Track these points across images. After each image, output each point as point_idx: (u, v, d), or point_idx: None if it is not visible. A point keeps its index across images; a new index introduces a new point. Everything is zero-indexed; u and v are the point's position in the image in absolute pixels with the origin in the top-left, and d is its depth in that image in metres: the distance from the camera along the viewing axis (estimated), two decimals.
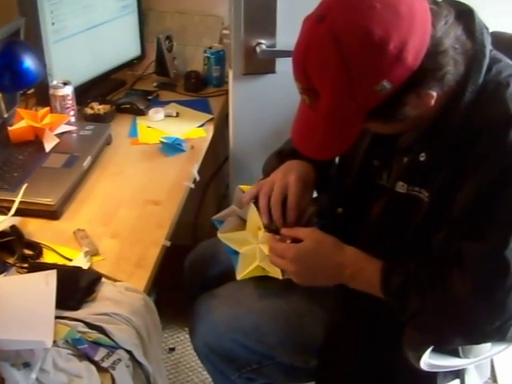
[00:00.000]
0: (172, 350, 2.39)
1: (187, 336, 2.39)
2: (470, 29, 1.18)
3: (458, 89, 1.17)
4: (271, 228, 1.42)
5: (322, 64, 1.10)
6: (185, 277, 1.74)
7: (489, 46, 1.19)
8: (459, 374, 1.45)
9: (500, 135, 1.13)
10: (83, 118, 2.08)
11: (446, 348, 1.33)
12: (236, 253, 1.47)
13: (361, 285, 1.32)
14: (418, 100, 1.13)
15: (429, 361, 1.31)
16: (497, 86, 1.17)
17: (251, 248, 1.43)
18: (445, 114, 1.19)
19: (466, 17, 1.19)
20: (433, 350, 1.31)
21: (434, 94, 1.13)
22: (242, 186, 1.54)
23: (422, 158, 1.24)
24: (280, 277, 1.40)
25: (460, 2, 1.23)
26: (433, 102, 1.14)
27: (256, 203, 1.45)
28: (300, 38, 1.15)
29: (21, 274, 1.39)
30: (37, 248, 1.48)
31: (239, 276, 1.46)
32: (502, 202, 1.14)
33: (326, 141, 1.21)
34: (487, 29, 1.22)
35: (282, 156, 1.55)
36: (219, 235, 1.49)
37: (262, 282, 1.48)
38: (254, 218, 1.43)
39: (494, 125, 1.15)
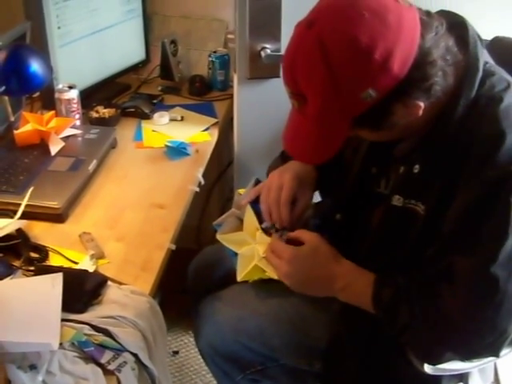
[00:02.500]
0: (176, 353, 2.39)
1: (191, 339, 2.40)
2: (463, 41, 1.18)
3: (449, 102, 1.16)
4: (268, 230, 1.43)
5: (309, 70, 1.11)
6: (188, 281, 1.75)
7: (482, 59, 1.19)
8: (463, 377, 1.45)
9: (490, 151, 1.13)
10: (88, 122, 2.08)
11: (436, 363, 1.31)
12: (236, 255, 1.47)
13: (351, 297, 1.33)
14: (405, 109, 1.13)
15: None
16: (489, 101, 1.16)
17: (249, 248, 1.44)
18: (437, 127, 1.19)
19: (460, 29, 1.19)
20: None
21: (422, 104, 1.12)
22: (240, 190, 1.55)
23: (415, 170, 1.24)
24: (276, 276, 1.40)
25: (454, 13, 1.23)
26: (420, 112, 1.13)
27: (252, 204, 1.46)
28: (290, 43, 1.16)
29: (27, 276, 1.39)
30: (43, 251, 1.48)
31: (239, 277, 1.46)
32: (490, 218, 1.14)
33: (315, 146, 1.21)
34: (481, 41, 1.21)
35: (284, 156, 1.56)
36: (218, 236, 1.50)
37: (266, 284, 1.48)
38: (251, 219, 1.44)
39: (485, 140, 1.14)
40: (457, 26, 1.19)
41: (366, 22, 1.06)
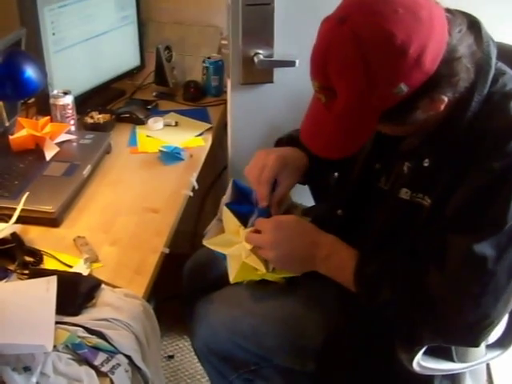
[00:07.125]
0: (171, 357, 2.40)
1: (186, 343, 2.41)
2: (478, 40, 1.21)
3: (464, 98, 1.19)
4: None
5: (343, 64, 1.12)
6: (183, 283, 1.75)
7: (494, 58, 1.22)
8: (455, 379, 1.46)
9: (502, 143, 1.16)
10: (83, 127, 2.09)
11: (417, 346, 1.33)
12: (226, 257, 1.48)
13: (333, 269, 1.35)
14: (430, 104, 1.16)
15: (421, 363, 1.33)
16: (502, 97, 1.21)
17: (236, 248, 1.44)
18: (450, 121, 1.22)
19: (475, 28, 1.22)
20: (426, 353, 1.33)
21: (446, 99, 1.16)
22: (225, 196, 1.56)
23: (425, 164, 1.26)
24: (264, 270, 1.41)
25: (468, 14, 1.25)
26: (443, 106, 1.17)
27: (228, 205, 1.47)
28: (319, 38, 1.17)
29: (22, 280, 1.40)
30: (37, 255, 1.49)
31: (231, 278, 1.46)
32: (491, 205, 1.16)
33: (337, 140, 1.23)
34: (493, 41, 1.25)
35: (280, 144, 1.60)
36: (204, 242, 1.50)
37: (261, 285, 1.49)
38: (230, 219, 1.45)
39: (497, 133, 1.17)
40: (472, 25, 1.21)
41: (400, 18, 1.08)
